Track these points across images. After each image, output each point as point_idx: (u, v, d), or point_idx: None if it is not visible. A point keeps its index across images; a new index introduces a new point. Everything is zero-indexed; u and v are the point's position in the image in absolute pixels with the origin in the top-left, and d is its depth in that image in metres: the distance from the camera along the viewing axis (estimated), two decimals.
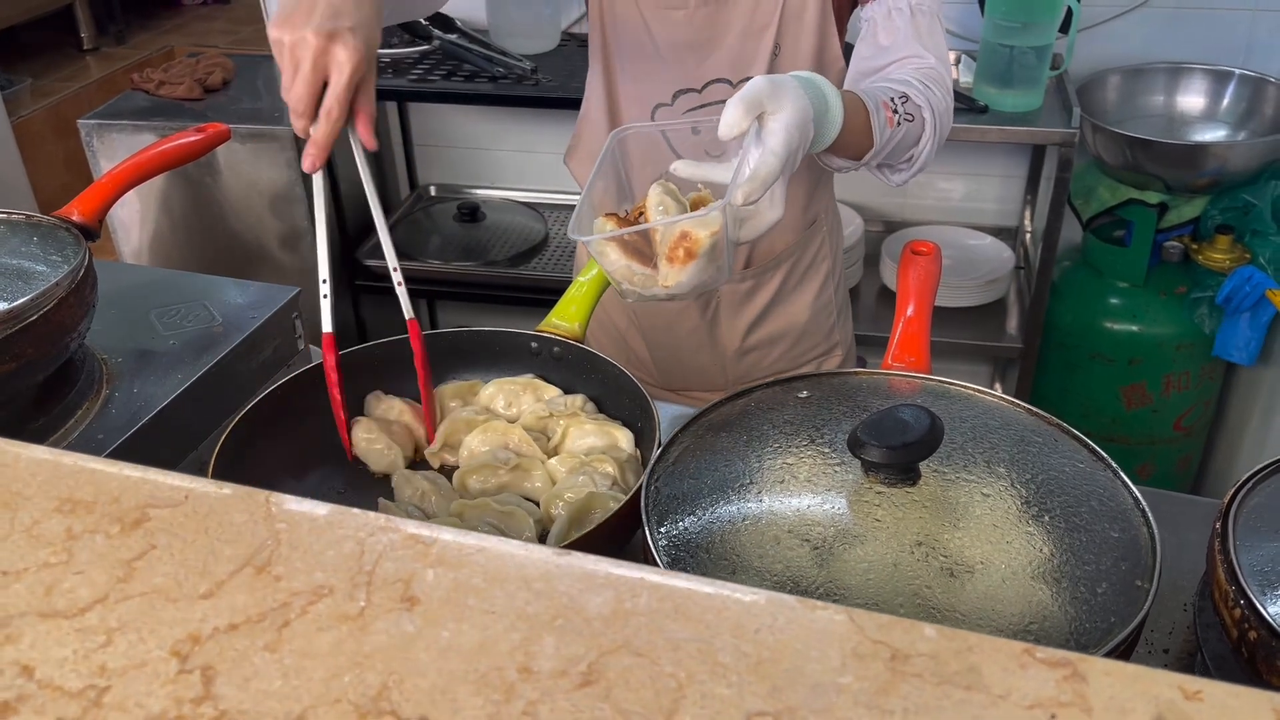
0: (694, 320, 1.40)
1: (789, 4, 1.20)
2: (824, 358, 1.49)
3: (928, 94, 1.11)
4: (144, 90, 2.52)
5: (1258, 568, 0.71)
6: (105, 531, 0.57)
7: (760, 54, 1.22)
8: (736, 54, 1.23)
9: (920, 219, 2.57)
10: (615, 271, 0.96)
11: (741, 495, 0.82)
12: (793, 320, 1.43)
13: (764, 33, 1.21)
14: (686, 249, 0.91)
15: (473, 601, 0.52)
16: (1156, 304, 2.25)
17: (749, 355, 1.45)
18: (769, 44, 1.22)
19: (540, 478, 0.99)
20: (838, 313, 1.49)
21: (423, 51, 2.44)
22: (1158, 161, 2.12)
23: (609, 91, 1.30)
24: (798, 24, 1.21)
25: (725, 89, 1.24)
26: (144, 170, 1.18)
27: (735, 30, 1.22)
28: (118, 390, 1.09)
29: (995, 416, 0.89)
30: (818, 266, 1.43)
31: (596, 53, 1.29)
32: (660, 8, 1.22)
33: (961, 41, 2.36)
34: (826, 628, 0.50)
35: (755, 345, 1.44)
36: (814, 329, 1.45)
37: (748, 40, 1.22)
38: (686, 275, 0.92)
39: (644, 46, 1.25)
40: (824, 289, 1.44)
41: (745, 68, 1.23)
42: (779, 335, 1.44)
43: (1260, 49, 2.25)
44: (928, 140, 1.12)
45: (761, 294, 1.40)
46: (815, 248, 1.42)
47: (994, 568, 0.74)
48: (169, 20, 4.95)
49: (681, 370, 1.46)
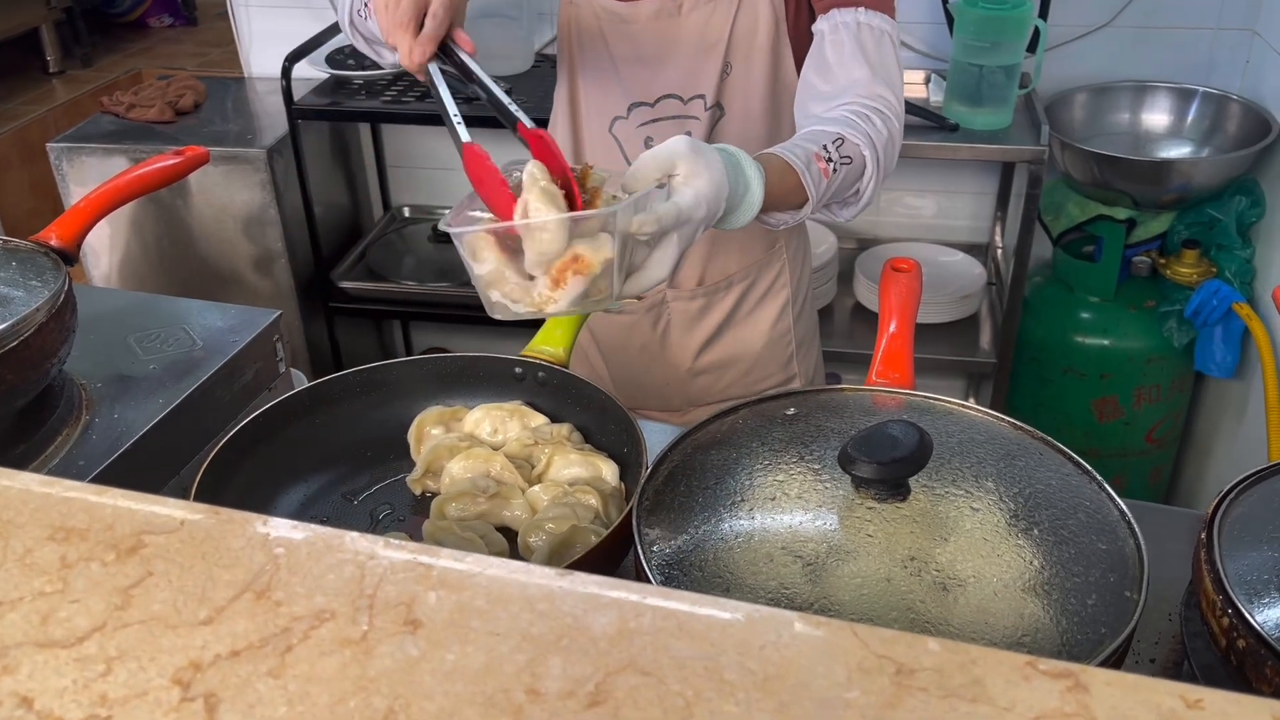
0: (645, 334, 1.42)
1: (739, 24, 1.22)
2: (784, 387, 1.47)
3: (867, 128, 1.08)
4: (114, 113, 2.51)
5: (1244, 577, 0.72)
6: (100, 559, 0.56)
7: (709, 72, 1.24)
8: (686, 71, 1.25)
9: (893, 236, 2.59)
10: (486, 276, 0.84)
11: (733, 513, 0.82)
12: (746, 346, 1.43)
13: (713, 51, 1.23)
14: (575, 270, 0.82)
15: (476, 623, 0.52)
16: (1126, 318, 2.28)
17: (701, 377, 1.45)
18: (718, 63, 1.23)
19: (520, 506, 0.99)
20: (798, 344, 1.47)
21: (396, 73, 2.44)
22: (1125, 178, 2.16)
23: (572, 101, 1.32)
24: (749, 45, 1.22)
25: (676, 104, 1.27)
26: (123, 194, 1.17)
27: (686, 47, 1.24)
28: (98, 416, 1.08)
29: (980, 431, 0.90)
30: (775, 293, 1.43)
31: (564, 64, 1.31)
32: (617, 21, 1.24)
33: (931, 61, 2.39)
34: (831, 643, 0.50)
35: (707, 368, 1.44)
36: (769, 357, 1.45)
37: (697, 58, 1.24)
38: (566, 297, 0.83)
39: (603, 59, 1.27)
40: (782, 317, 1.44)
41: (695, 85, 1.25)
42: (731, 360, 1.44)
43: (1222, 67, 2.29)
44: (870, 176, 1.09)
45: (713, 314, 1.40)
46: (773, 274, 1.42)
47: (985, 581, 0.75)
48: (136, 43, 4.91)
49: (638, 388, 1.47)
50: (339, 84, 2.43)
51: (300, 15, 2.56)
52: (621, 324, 1.42)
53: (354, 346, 2.73)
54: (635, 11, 1.23)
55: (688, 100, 1.26)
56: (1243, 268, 2.17)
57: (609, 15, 1.24)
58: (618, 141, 1.31)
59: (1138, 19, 2.28)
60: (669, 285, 1.32)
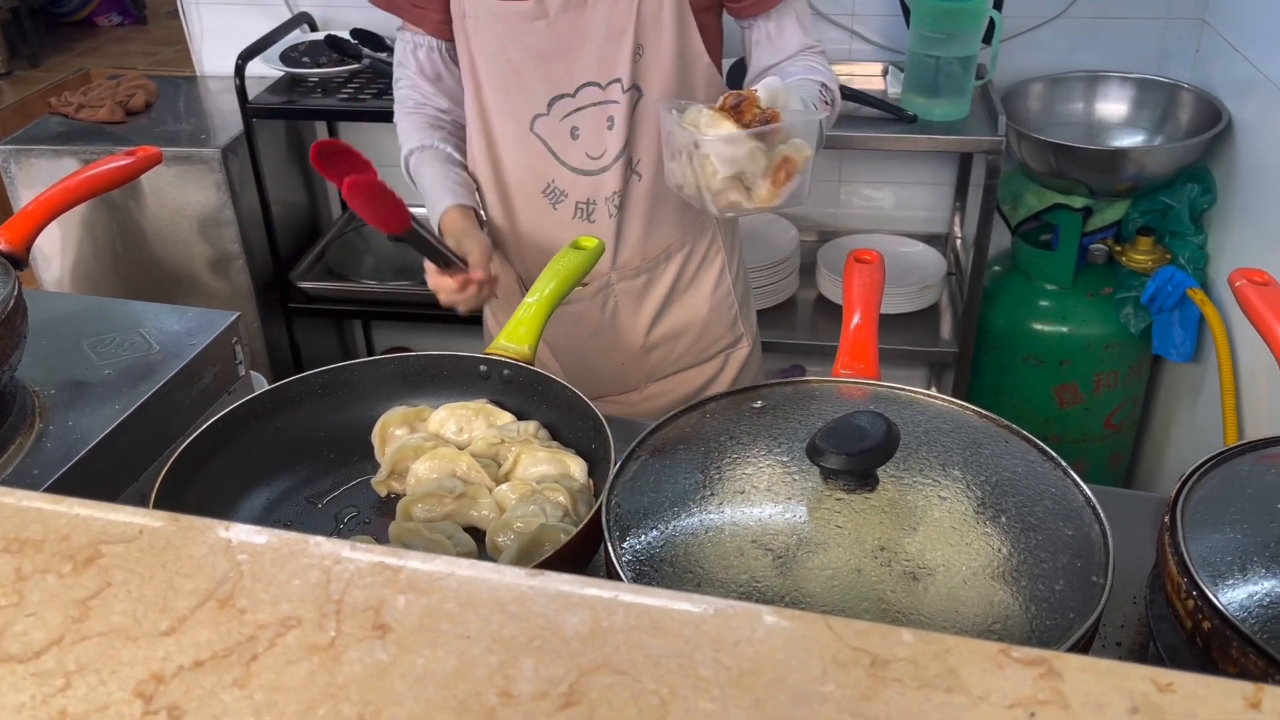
0: (594, 320, 1.46)
1: (644, 7, 1.27)
2: (731, 349, 1.56)
3: (827, 75, 1.33)
4: (63, 114, 2.46)
5: (1207, 559, 0.73)
6: (56, 571, 0.55)
7: (622, 55, 1.29)
8: (600, 57, 1.29)
9: (853, 228, 2.61)
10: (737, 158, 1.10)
11: (702, 507, 0.82)
12: (694, 313, 1.50)
13: (623, 35, 1.28)
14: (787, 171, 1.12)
15: (446, 627, 0.51)
16: (1084, 305, 2.31)
17: (654, 352, 1.51)
18: (629, 46, 1.28)
19: (487, 505, 0.98)
20: (739, 302, 1.55)
21: (352, 70, 2.41)
22: (1080, 167, 2.18)
23: (482, 114, 1.36)
24: (656, 25, 1.28)
25: (595, 91, 1.31)
26: (73, 196, 1.14)
27: (596, 34, 1.28)
28: (52, 423, 1.06)
29: (946, 420, 0.90)
30: (712, 258, 1.49)
31: (468, 79, 1.35)
32: (522, 22, 1.27)
33: (889, 54, 2.40)
34: (805, 636, 0.50)
35: (659, 341, 1.51)
36: (716, 321, 1.52)
37: (608, 43, 1.28)
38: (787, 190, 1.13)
39: (510, 64, 1.31)
40: (721, 280, 1.51)
41: (610, 70, 1.30)
42: (681, 329, 1.51)
43: (1173, 56, 2.33)
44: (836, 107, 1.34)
45: (658, 287, 1.46)
46: (708, 239, 1.49)
47: (954, 569, 0.75)
48: (84, 42, 4.82)
49: (593, 376, 1.51)
50: (294, 81, 2.40)
51: (253, 12, 2.53)
52: (569, 315, 1.45)
53: (314, 348, 2.70)
54: (541, 8, 1.26)
55: (605, 85, 1.31)
56: (1196, 254, 2.20)
57: (515, 17, 1.27)
58: (541, 139, 1.35)
59: (1090, 9, 2.30)
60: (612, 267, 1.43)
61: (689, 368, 1.54)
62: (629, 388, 1.54)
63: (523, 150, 1.36)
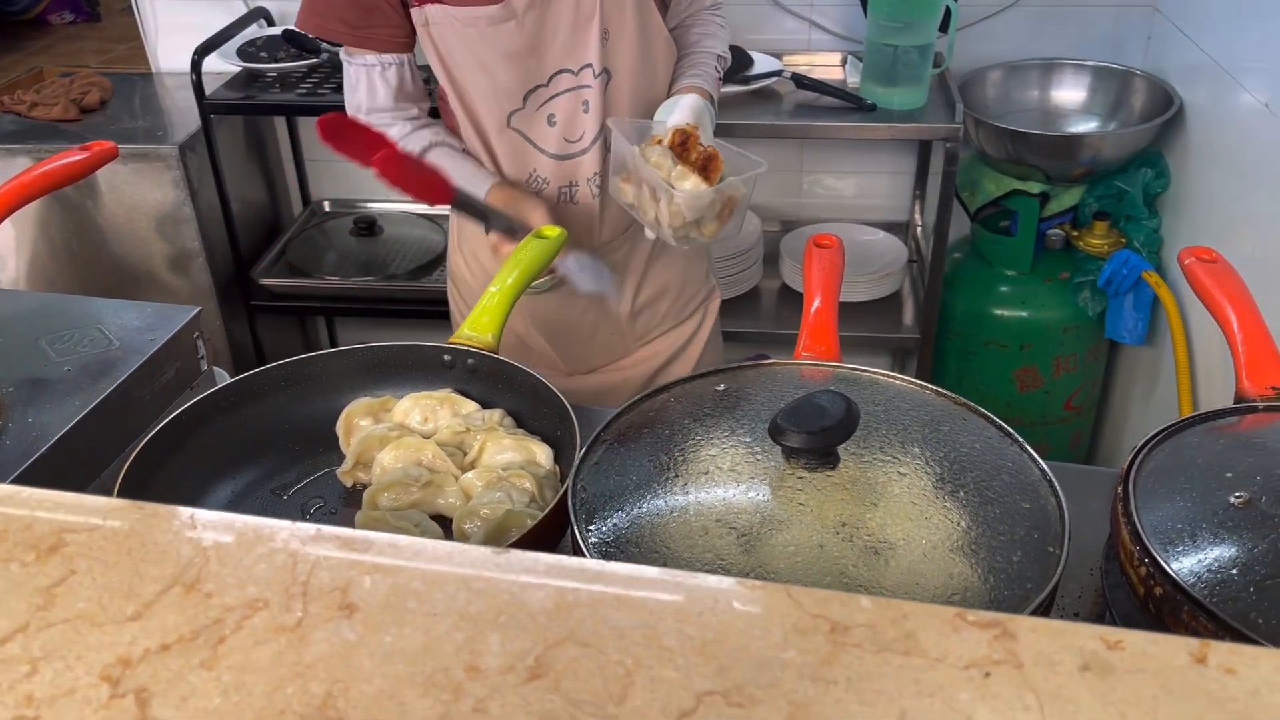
0: (583, 299, 1.48)
1: None
2: (708, 301, 1.65)
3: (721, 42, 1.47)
4: (15, 113, 2.42)
5: (1158, 527, 0.75)
6: (20, 560, 0.55)
7: (591, 40, 1.32)
8: (570, 45, 1.32)
9: (815, 217, 2.62)
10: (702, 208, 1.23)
11: (667, 489, 0.82)
12: (673, 271, 1.57)
13: (590, 21, 1.30)
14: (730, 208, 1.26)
15: (413, 605, 0.52)
16: (1043, 290, 2.34)
17: (641, 316, 1.57)
18: (597, 31, 1.31)
19: (454, 494, 0.98)
20: (709, 257, 1.67)
21: (311, 65, 2.40)
22: (1036, 153, 2.22)
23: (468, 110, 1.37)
24: (619, 10, 1.31)
25: (569, 78, 1.34)
26: (27, 192, 1.13)
27: (565, 25, 1.30)
28: (11, 421, 1.04)
29: (905, 399, 0.92)
30: None
31: (444, 81, 1.35)
32: (490, 25, 1.28)
33: (847, 43, 2.42)
34: (767, 606, 0.51)
35: (644, 305, 1.56)
36: (691, 275, 1.61)
37: (577, 31, 1.31)
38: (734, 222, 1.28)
39: (482, 66, 1.32)
40: None
41: (581, 56, 1.33)
42: (663, 289, 1.57)
43: (1125, 43, 2.36)
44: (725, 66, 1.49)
45: (639, 254, 1.52)
46: None
47: (915, 543, 0.76)
48: (36, 40, 4.74)
49: (585, 351, 1.56)
50: (252, 77, 2.38)
51: (208, 7, 2.50)
52: (556, 298, 1.47)
53: (278, 346, 2.68)
54: (509, 10, 1.27)
55: (578, 71, 1.34)
56: (1150, 237, 2.24)
57: (483, 21, 1.28)
58: (519, 132, 1.37)
59: None
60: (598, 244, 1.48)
61: (673, 327, 1.61)
62: (618, 354, 1.59)
63: (502, 144, 1.38)
